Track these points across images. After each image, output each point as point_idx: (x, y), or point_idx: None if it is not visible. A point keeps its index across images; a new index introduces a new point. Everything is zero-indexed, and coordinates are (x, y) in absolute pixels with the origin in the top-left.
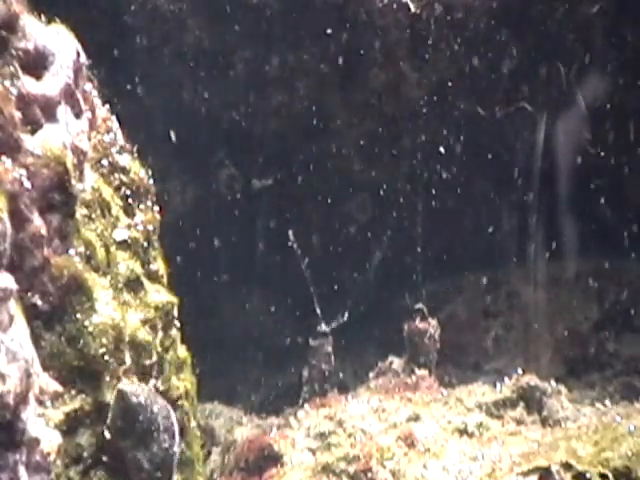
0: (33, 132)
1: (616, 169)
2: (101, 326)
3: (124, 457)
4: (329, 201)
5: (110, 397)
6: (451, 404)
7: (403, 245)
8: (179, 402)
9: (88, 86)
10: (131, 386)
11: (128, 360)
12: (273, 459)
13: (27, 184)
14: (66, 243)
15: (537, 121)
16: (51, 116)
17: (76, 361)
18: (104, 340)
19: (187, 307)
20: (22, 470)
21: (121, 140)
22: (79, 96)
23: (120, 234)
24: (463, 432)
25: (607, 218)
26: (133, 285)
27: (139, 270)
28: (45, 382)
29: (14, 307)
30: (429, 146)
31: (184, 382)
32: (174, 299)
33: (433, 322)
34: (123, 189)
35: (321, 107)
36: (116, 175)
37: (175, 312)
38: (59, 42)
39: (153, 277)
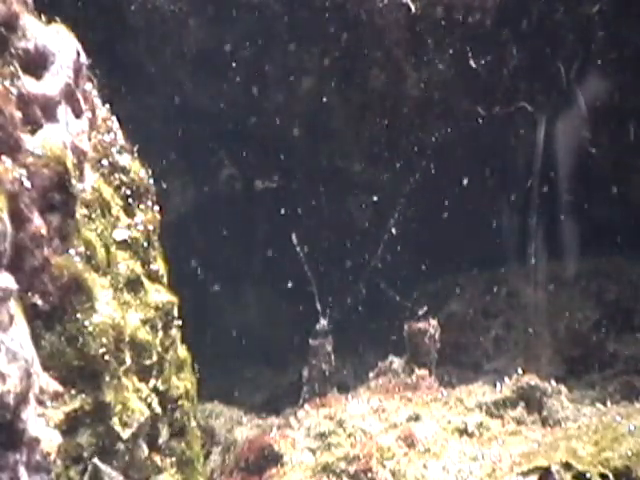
0: (33, 132)
1: (616, 169)
2: (101, 326)
3: None
4: (329, 201)
5: (110, 397)
6: (451, 404)
7: (403, 245)
8: (179, 402)
9: (88, 86)
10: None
11: (128, 360)
12: (273, 459)
13: (27, 184)
14: (66, 243)
15: (537, 121)
16: (51, 116)
17: (76, 361)
18: (104, 340)
19: (187, 307)
20: (22, 470)
21: (121, 140)
22: (79, 96)
23: (120, 234)
24: (463, 432)
25: (607, 218)
26: (133, 285)
27: (139, 270)
28: (45, 382)
29: (14, 307)
30: (429, 146)
31: (184, 382)
32: (174, 299)
33: (433, 322)
34: (123, 189)
35: (321, 107)
36: (116, 175)
37: (175, 312)
38: (59, 42)
39: (153, 277)
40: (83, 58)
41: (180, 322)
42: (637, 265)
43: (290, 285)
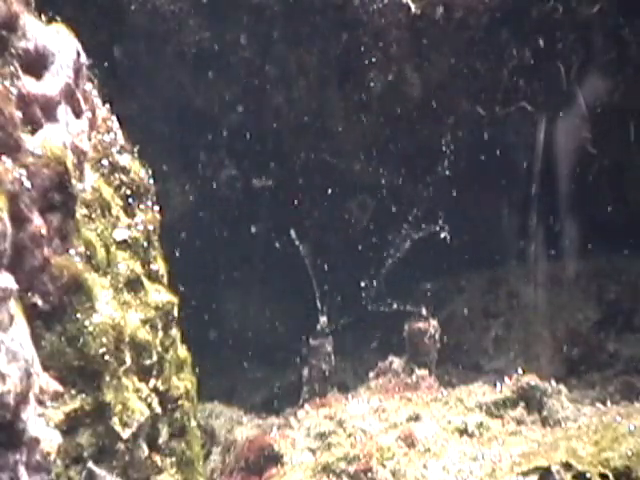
0: (33, 132)
1: (616, 169)
2: (101, 326)
3: None
4: (329, 201)
5: (110, 397)
6: (451, 404)
7: (403, 245)
8: (179, 402)
9: (88, 86)
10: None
11: (128, 360)
12: (273, 459)
13: (27, 184)
14: (66, 243)
15: (537, 121)
16: (51, 116)
17: (76, 361)
18: (104, 340)
19: (187, 307)
20: (22, 470)
21: (121, 140)
22: (79, 96)
23: (120, 234)
24: (463, 432)
25: (607, 218)
26: (133, 285)
27: (139, 270)
28: (45, 382)
29: (14, 307)
30: (429, 146)
31: (184, 382)
32: (174, 299)
33: (433, 322)
34: (123, 189)
35: (321, 107)
36: (116, 175)
37: (175, 312)
38: (59, 42)
39: (153, 277)
40: (83, 58)
41: (180, 322)
42: (637, 265)
43: (290, 285)
